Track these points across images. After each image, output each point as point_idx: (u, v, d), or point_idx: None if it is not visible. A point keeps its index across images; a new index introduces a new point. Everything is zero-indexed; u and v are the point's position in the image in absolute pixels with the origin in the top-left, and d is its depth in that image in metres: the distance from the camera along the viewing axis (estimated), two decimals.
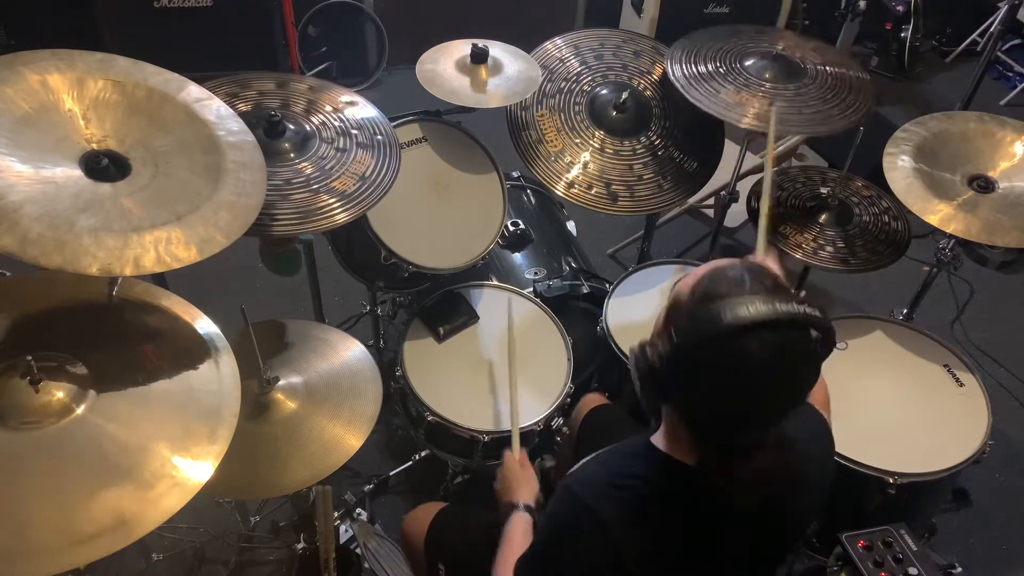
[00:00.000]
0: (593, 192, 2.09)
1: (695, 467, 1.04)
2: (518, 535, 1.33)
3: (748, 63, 2.12)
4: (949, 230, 1.87)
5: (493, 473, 1.57)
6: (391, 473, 2.23)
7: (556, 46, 2.29)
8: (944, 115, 2.09)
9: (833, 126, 2.02)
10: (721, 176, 2.27)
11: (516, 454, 1.56)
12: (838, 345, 1.79)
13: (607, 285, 2.22)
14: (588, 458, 1.22)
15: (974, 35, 4.40)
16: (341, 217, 1.65)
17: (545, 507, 1.19)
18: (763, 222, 1.53)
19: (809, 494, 1.17)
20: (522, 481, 1.46)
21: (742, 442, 1.01)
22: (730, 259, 1.04)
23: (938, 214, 1.88)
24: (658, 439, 1.10)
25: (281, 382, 1.61)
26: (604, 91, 2.21)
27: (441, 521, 1.61)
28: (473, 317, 2.08)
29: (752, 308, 0.92)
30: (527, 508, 1.39)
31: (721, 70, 2.09)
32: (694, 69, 2.09)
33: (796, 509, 1.16)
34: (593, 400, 1.85)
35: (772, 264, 1.41)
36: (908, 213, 2.01)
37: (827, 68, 2.14)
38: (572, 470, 1.21)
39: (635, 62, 2.29)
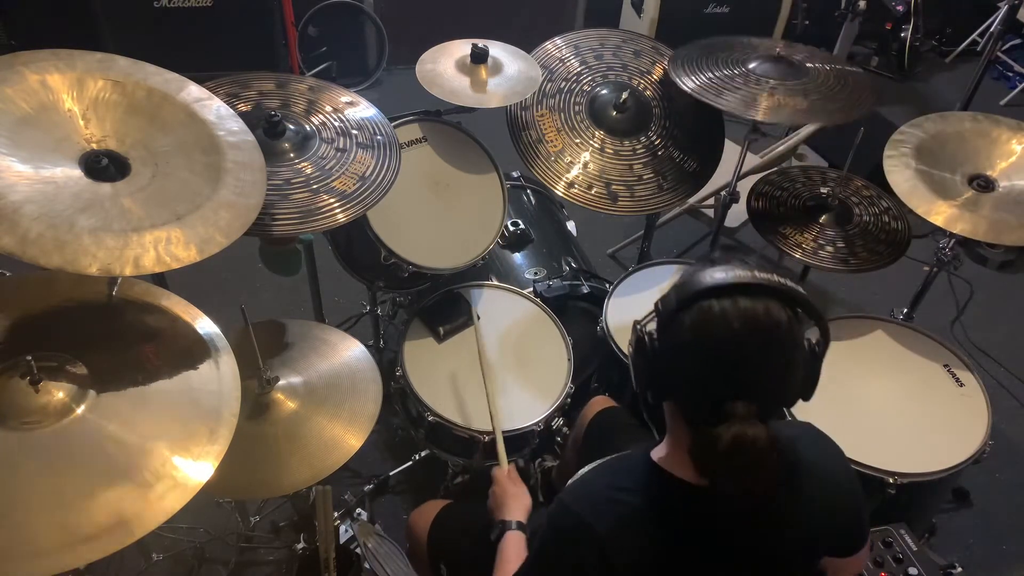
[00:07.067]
0: (593, 192, 2.09)
1: (694, 483, 1.02)
2: (512, 553, 1.32)
3: (752, 65, 2.11)
4: (956, 230, 1.86)
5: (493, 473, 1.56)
6: (391, 473, 2.23)
7: (556, 46, 2.29)
8: (939, 116, 2.09)
9: (840, 116, 1.98)
10: (721, 176, 2.27)
11: (504, 468, 1.54)
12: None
13: (607, 285, 2.21)
14: (585, 471, 1.21)
15: (974, 35, 4.41)
16: (341, 217, 1.65)
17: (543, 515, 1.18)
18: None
19: (813, 514, 1.11)
20: (514, 497, 1.44)
21: (720, 412, 0.96)
22: None
23: (942, 214, 1.88)
24: (659, 454, 1.08)
25: (281, 382, 1.61)
26: (604, 91, 2.21)
27: (443, 520, 1.59)
28: (473, 317, 2.07)
29: (731, 273, 0.95)
30: (519, 525, 1.38)
31: (727, 73, 2.08)
32: (703, 77, 2.07)
33: (797, 526, 1.11)
34: (600, 403, 1.83)
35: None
36: (908, 213, 2.00)
37: (826, 66, 2.13)
38: (568, 483, 1.20)
39: (635, 62, 2.28)
